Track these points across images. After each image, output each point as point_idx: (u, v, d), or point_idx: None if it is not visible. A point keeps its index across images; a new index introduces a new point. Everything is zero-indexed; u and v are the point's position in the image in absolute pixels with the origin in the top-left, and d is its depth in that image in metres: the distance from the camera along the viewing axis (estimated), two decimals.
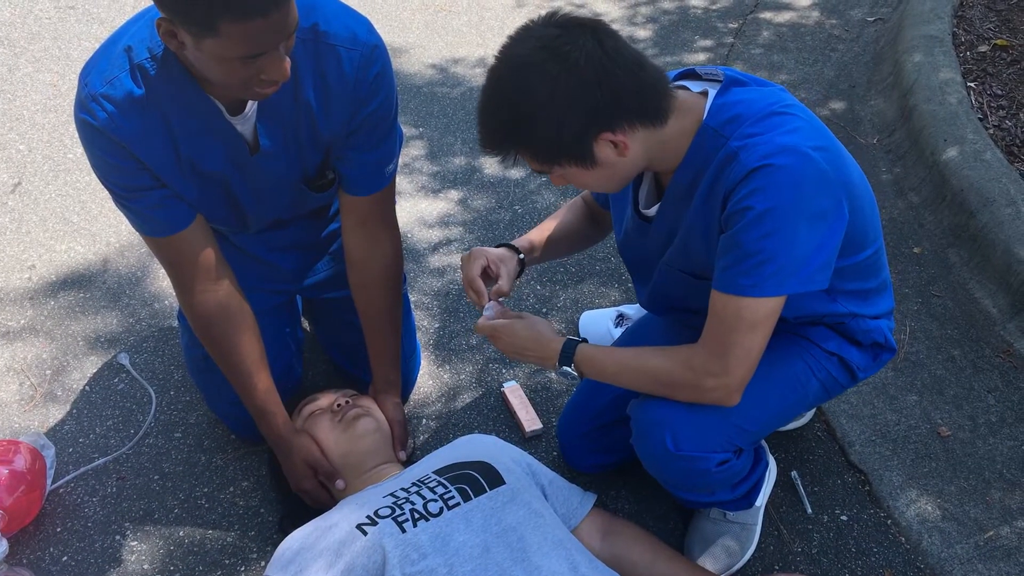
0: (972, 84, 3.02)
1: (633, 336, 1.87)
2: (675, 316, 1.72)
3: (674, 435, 1.48)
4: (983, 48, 3.25)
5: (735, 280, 1.31)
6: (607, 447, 1.83)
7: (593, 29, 1.28)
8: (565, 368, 1.53)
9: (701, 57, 3.59)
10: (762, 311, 1.33)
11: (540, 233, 1.78)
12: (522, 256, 1.72)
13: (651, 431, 1.51)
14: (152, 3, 1.27)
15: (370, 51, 1.50)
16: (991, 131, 2.79)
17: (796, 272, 1.30)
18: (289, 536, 1.49)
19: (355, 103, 1.54)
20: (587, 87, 1.25)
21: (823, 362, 1.57)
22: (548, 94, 1.26)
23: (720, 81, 1.40)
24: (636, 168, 1.39)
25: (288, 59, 1.32)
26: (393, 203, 1.76)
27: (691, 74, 1.45)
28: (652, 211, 1.50)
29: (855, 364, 1.59)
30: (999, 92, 2.99)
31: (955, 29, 3.37)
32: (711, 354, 1.38)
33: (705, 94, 1.39)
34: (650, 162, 1.40)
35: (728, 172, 1.31)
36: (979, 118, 2.82)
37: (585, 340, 1.54)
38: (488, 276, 1.67)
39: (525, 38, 1.29)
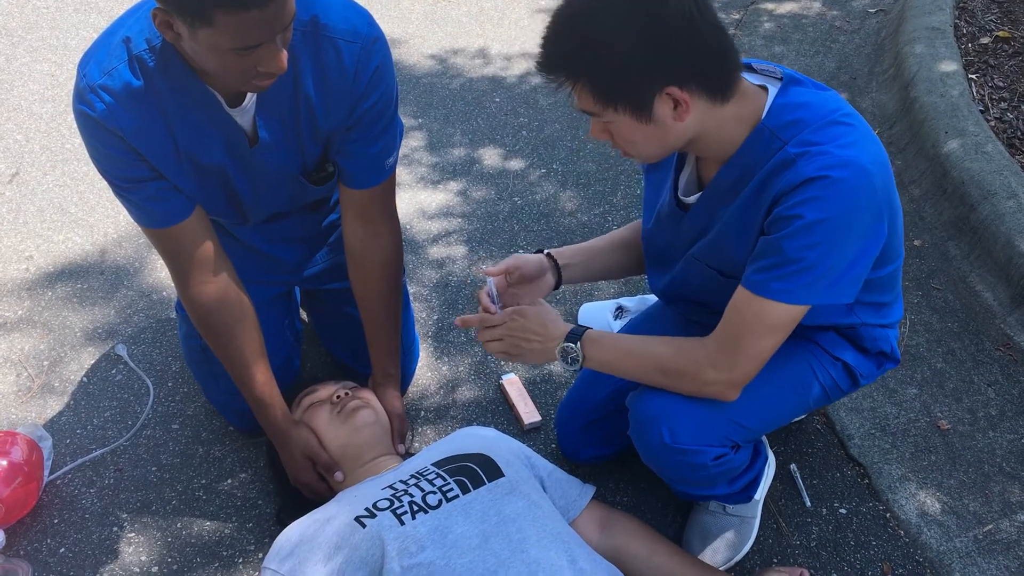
0: (974, 76, 3.01)
1: (636, 330, 1.86)
2: (687, 308, 1.71)
3: (671, 428, 1.47)
4: (985, 40, 3.23)
5: (768, 284, 1.30)
6: (605, 439, 1.83)
7: None
8: (568, 344, 1.49)
9: None
10: (785, 317, 1.33)
11: (579, 247, 1.75)
12: (559, 264, 1.70)
13: (649, 424, 1.50)
14: None
15: (370, 44, 1.49)
16: (992, 123, 2.78)
17: (830, 285, 1.30)
18: (287, 528, 1.49)
19: (355, 96, 1.53)
20: (671, 34, 1.22)
21: (828, 367, 1.57)
22: (631, 28, 1.21)
23: (777, 78, 1.37)
24: (683, 140, 1.34)
25: (285, 52, 1.31)
26: (393, 195, 1.75)
27: (746, 67, 1.41)
28: (692, 199, 1.48)
29: (859, 371, 1.59)
30: (1001, 84, 2.98)
31: (957, 20, 3.36)
32: (721, 348, 1.37)
33: (764, 89, 1.36)
34: (699, 140, 1.35)
35: (782, 177, 1.29)
36: (980, 110, 2.81)
37: (590, 328, 1.53)
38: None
39: None
